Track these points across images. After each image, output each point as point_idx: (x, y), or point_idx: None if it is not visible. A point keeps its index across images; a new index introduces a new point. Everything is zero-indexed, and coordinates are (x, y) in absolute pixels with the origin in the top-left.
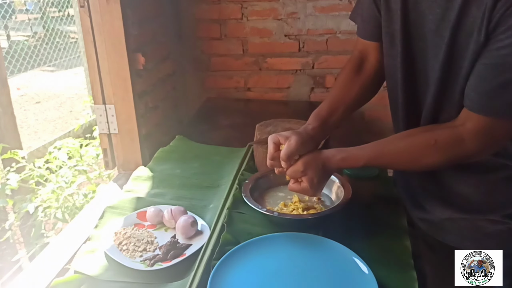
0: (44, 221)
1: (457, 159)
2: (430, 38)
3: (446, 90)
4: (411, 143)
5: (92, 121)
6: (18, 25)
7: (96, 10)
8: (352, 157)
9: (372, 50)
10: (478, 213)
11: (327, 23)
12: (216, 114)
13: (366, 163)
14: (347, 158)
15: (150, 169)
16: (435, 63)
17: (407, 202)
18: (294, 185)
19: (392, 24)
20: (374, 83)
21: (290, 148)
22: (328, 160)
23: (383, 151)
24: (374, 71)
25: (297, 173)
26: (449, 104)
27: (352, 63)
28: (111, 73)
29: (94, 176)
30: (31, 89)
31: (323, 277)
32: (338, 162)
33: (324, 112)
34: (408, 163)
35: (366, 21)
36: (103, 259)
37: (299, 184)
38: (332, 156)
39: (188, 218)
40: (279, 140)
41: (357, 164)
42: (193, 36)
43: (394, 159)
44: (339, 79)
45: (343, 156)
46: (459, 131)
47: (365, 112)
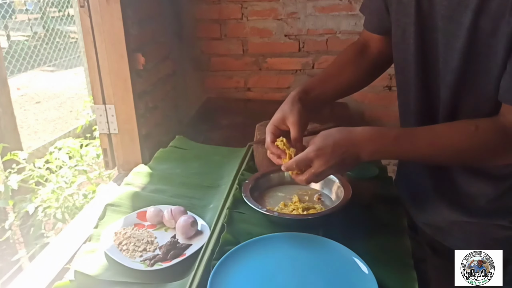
0: (44, 221)
1: (496, 153)
2: (444, 27)
3: (466, 81)
4: (449, 129)
5: (92, 121)
6: (18, 25)
7: (96, 10)
8: (386, 152)
9: (375, 42)
10: (486, 218)
11: (327, 23)
12: (216, 114)
13: (400, 158)
14: (379, 152)
15: (150, 169)
16: (453, 52)
17: (411, 207)
18: (304, 176)
19: (404, 17)
20: (371, 70)
21: (299, 129)
22: (359, 148)
23: (419, 143)
24: (374, 58)
25: (325, 155)
26: (470, 96)
27: (355, 46)
28: (111, 73)
29: (94, 176)
30: (31, 89)
31: (323, 277)
32: (370, 155)
33: (313, 84)
34: (448, 154)
35: (372, 13)
36: (103, 259)
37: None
38: (363, 143)
39: (188, 218)
40: (278, 129)
41: (389, 158)
42: (193, 36)
43: (432, 150)
44: (338, 58)
45: (374, 149)
46: (500, 121)
47: (365, 112)
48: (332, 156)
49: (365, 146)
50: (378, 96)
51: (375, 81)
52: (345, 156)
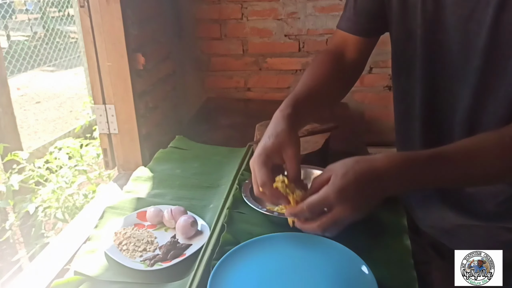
0: (44, 221)
1: None
2: (462, 26)
3: (488, 82)
4: (483, 143)
5: (92, 121)
6: (18, 25)
7: (96, 10)
8: (416, 181)
9: (353, 45)
10: (494, 221)
11: (327, 23)
12: (216, 114)
13: (433, 185)
14: (409, 181)
15: (150, 170)
16: (474, 52)
17: (415, 211)
18: (317, 223)
19: (408, 19)
20: (350, 83)
21: (298, 164)
22: (386, 182)
23: (456, 163)
24: (350, 68)
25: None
26: (492, 97)
27: (331, 56)
28: (111, 73)
29: (94, 176)
30: (31, 89)
31: (323, 277)
32: (398, 187)
33: (302, 103)
34: (489, 171)
35: (360, 14)
36: (103, 259)
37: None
38: (390, 174)
39: (188, 218)
40: (271, 161)
41: (420, 187)
42: (193, 36)
43: (474, 169)
44: (318, 71)
45: (403, 180)
46: None
47: (365, 112)
48: (356, 196)
49: (392, 177)
50: (378, 96)
51: (375, 81)
52: (369, 194)
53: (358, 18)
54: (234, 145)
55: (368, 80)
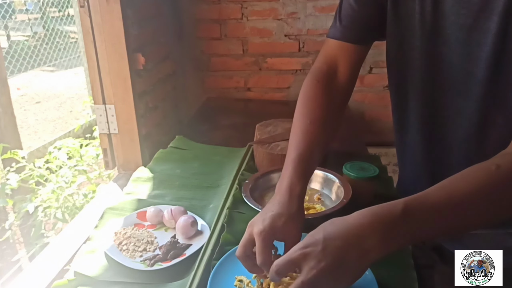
0: (44, 221)
1: None
2: (466, 37)
3: (494, 94)
4: (464, 178)
5: (92, 121)
6: (18, 25)
7: (96, 10)
8: (398, 235)
9: (343, 57)
10: (498, 227)
11: (327, 23)
12: (216, 114)
13: (419, 237)
14: (389, 236)
15: (150, 170)
16: (478, 62)
17: None
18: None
19: (404, 30)
20: (343, 109)
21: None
22: (362, 238)
23: (436, 206)
24: (345, 88)
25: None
26: (499, 110)
27: (322, 84)
28: (111, 73)
29: (94, 176)
30: (31, 89)
31: None
32: (379, 244)
33: (306, 165)
34: (471, 209)
35: (354, 21)
36: (103, 259)
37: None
38: (365, 229)
39: (188, 218)
40: (273, 238)
41: (407, 242)
42: (193, 36)
43: (458, 209)
44: (310, 118)
45: (382, 235)
46: None
47: (365, 112)
48: (324, 254)
49: (368, 233)
50: (378, 96)
51: (375, 81)
52: (343, 254)
53: (354, 25)
54: (234, 145)
55: (368, 80)
